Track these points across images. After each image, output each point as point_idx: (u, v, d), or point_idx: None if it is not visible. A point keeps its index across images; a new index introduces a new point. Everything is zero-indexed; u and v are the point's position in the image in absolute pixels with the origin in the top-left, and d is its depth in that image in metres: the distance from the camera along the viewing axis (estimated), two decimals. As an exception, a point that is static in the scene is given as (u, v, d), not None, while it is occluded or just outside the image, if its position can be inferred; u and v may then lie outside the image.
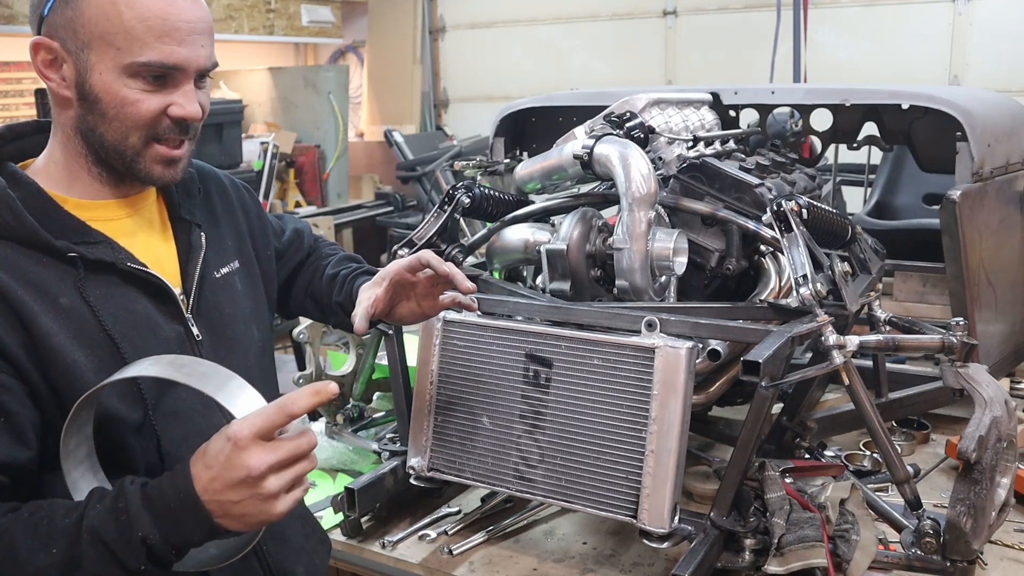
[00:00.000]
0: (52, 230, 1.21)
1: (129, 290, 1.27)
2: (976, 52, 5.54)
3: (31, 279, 1.19)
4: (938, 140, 2.23)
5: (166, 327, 1.29)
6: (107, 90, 1.22)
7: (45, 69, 1.25)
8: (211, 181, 1.51)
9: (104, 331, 1.21)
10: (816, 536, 1.42)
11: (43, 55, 1.24)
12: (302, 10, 7.39)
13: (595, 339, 1.54)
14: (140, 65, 1.20)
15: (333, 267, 1.68)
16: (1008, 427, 1.45)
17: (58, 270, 1.21)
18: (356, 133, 7.96)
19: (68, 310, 1.20)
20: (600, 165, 1.73)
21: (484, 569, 1.64)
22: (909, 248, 2.76)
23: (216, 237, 1.44)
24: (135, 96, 1.22)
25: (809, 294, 1.53)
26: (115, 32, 1.19)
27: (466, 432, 1.65)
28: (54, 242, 1.21)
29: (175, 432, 1.28)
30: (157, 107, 1.24)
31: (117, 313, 1.24)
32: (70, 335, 1.19)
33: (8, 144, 1.32)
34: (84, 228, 1.25)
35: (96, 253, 1.23)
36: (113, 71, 1.21)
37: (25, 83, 5.71)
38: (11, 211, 1.20)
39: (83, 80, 1.23)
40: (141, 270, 1.27)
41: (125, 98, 1.22)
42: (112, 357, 1.21)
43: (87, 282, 1.22)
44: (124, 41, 1.19)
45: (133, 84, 1.22)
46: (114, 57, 1.20)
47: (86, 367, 1.19)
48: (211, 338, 1.36)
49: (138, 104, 1.23)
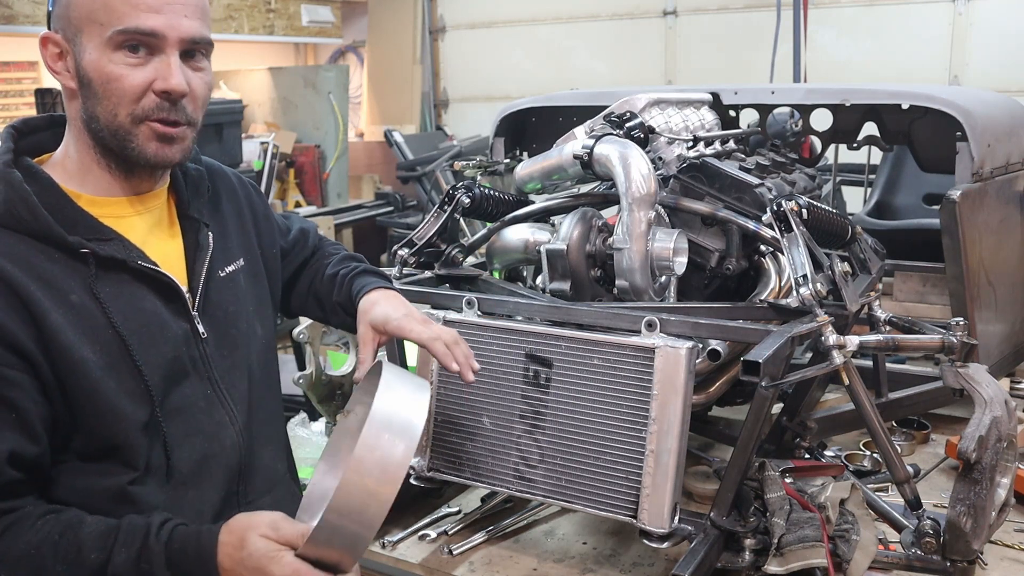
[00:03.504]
0: (66, 226, 1.22)
1: (138, 288, 1.28)
2: (976, 52, 5.54)
3: (42, 275, 1.19)
4: (938, 140, 2.24)
5: (173, 325, 1.30)
6: (95, 68, 1.23)
7: (53, 63, 1.27)
8: (220, 179, 1.52)
9: (113, 328, 1.22)
10: (816, 536, 1.42)
11: (51, 49, 1.26)
12: (302, 10, 7.39)
13: (595, 339, 1.54)
14: (117, 33, 1.21)
15: (334, 267, 1.68)
16: (1008, 427, 1.45)
17: (69, 266, 1.22)
18: (356, 133, 7.96)
19: (78, 307, 1.21)
20: (600, 165, 1.73)
21: (484, 569, 1.64)
22: (909, 248, 2.76)
23: (223, 235, 1.45)
24: (120, 71, 1.23)
25: (809, 294, 1.52)
26: (97, 9, 1.21)
27: (466, 432, 1.65)
28: (67, 238, 1.21)
29: (179, 429, 1.29)
30: (141, 81, 1.23)
31: (126, 311, 1.24)
32: (79, 332, 1.19)
33: (24, 138, 1.32)
34: (97, 225, 1.26)
35: (108, 250, 1.24)
36: (98, 48, 1.22)
37: (25, 83, 5.71)
38: (26, 205, 1.21)
39: (79, 65, 1.24)
40: (152, 268, 1.28)
41: (110, 74, 1.23)
42: (120, 355, 1.22)
43: (98, 279, 1.23)
44: (104, 15, 1.21)
45: (117, 59, 1.22)
46: (99, 33, 1.22)
47: (94, 364, 1.19)
48: (215, 336, 1.37)
49: (122, 79, 1.23)
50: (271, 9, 7.08)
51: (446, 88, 7.79)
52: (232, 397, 1.37)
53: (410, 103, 7.73)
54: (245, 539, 1.15)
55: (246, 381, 1.41)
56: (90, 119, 1.26)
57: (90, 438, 1.21)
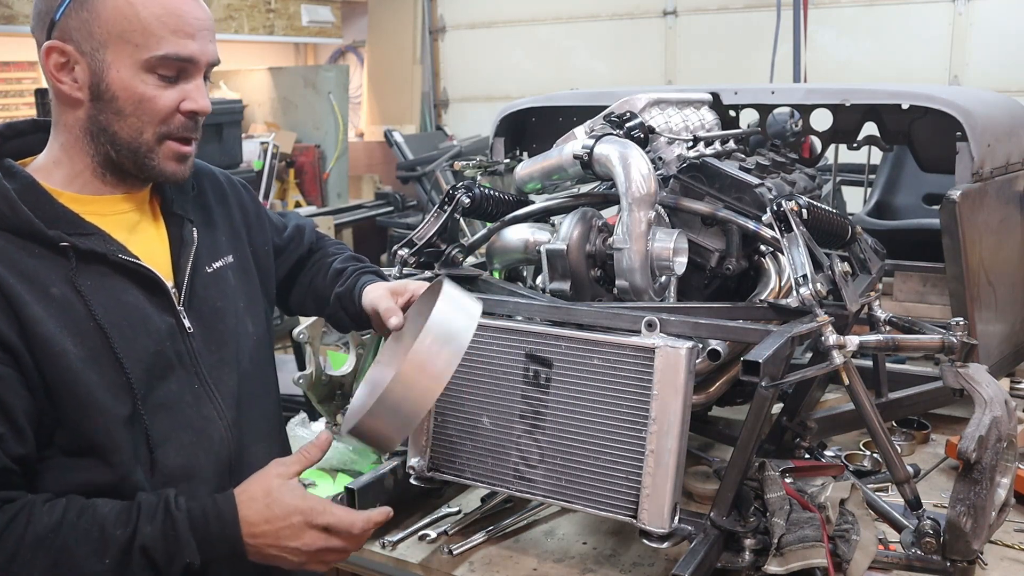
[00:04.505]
0: (46, 221, 1.23)
1: (120, 281, 1.28)
2: (976, 52, 5.54)
3: (22, 269, 1.20)
4: (938, 140, 2.24)
5: (157, 319, 1.30)
6: (125, 87, 1.25)
7: (57, 72, 1.27)
8: (205, 177, 1.53)
9: (94, 320, 1.23)
10: (816, 536, 1.42)
11: (55, 58, 1.27)
12: (302, 10, 7.38)
13: (595, 339, 1.54)
14: (158, 59, 1.25)
15: (341, 263, 1.70)
16: (1008, 427, 1.45)
17: (50, 260, 1.23)
18: (356, 133, 7.95)
19: (59, 299, 1.21)
20: (600, 165, 1.73)
21: (484, 569, 1.64)
22: (909, 248, 2.76)
23: (209, 232, 1.46)
24: (152, 92, 1.26)
25: (809, 294, 1.52)
26: (133, 30, 1.23)
27: (466, 432, 1.65)
28: (47, 232, 1.22)
29: (165, 424, 1.29)
30: (172, 102, 1.28)
31: (108, 304, 1.25)
32: (60, 324, 1.20)
33: (8, 142, 1.34)
34: (77, 220, 1.27)
35: (88, 244, 1.25)
36: (131, 68, 1.25)
37: (25, 83, 5.71)
38: (5, 200, 1.22)
39: (99, 79, 1.26)
40: (132, 262, 1.29)
41: (143, 94, 1.26)
42: (102, 347, 1.23)
43: (78, 272, 1.24)
44: (141, 37, 1.24)
45: (149, 80, 1.26)
46: (132, 54, 1.24)
47: (75, 356, 1.20)
48: (202, 331, 1.37)
49: (155, 100, 1.27)
50: (271, 9, 7.08)
51: (446, 88, 7.79)
52: (220, 392, 1.38)
53: (410, 103, 7.73)
54: (270, 497, 1.24)
55: (235, 377, 1.41)
56: (101, 132, 1.28)
57: (73, 432, 1.22)
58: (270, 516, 1.23)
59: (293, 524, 1.24)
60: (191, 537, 1.19)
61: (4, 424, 1.16)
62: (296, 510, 1.24)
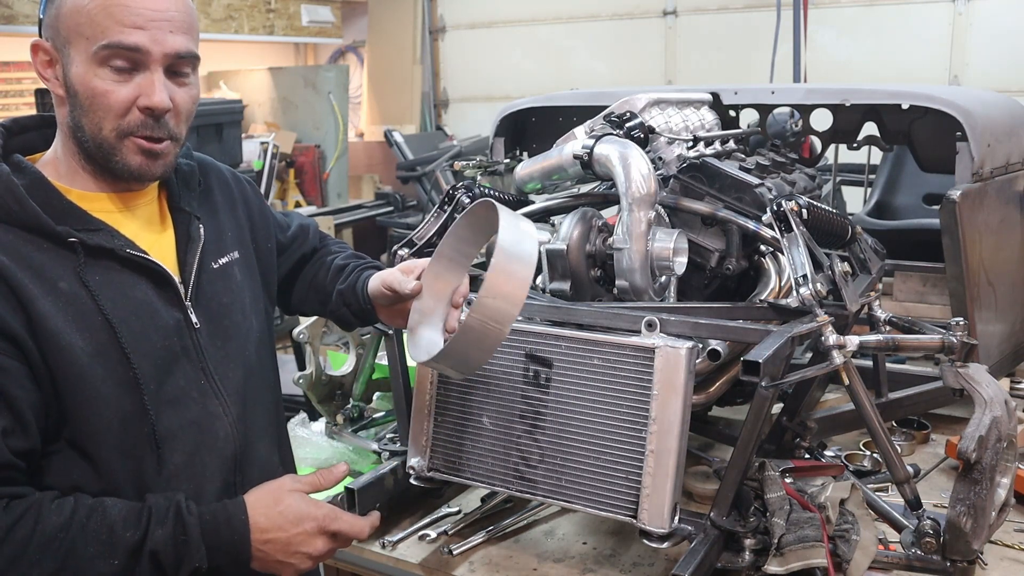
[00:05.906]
0: (54, 216, 1.23)
1: (128, 276, 1.28)
2: (976, 52, 5.54)
3: (31, 263, 1.20)
4: (938, 140, 2.23)
5: (165, 313, 1.30)
6: (82, 81, 1.24)
7: (43, 70, 1.28)
8: (212, 174, 1.53)
9: (103, 315, 1.23)
10: (816, 536, 1.42)
11: (41, 56, 1.28)
12: (302, 10, 7.39)
13: (595, 339, 1.54)
14: (102, 48, 1.22)
15: (343, 260, 1.70)
16: (1008, 427, 1.45)
17: (58, 255, 1.23)
18: (356, 133, 7.96)
19: (67, 294, 1.21)
20: (600, 165, 1.73)
21: (484, 569, 1.64)
22: (909, 248, 2.76)
23: (215, 228, 1.46)
24: (105, 86, 1.24)
25: (809, 294, 1.52)
26: (83, 22, 1.22)
27: (466, 432, 1.64)
28: (55, 227, 1.22)
29: (170, 420, 1.29)
30: (126, 97, 1.25)
31: (116, 298, 1.25)
32: (68, 318, 1.20)
33: (14, 138, 1.34)
34: (85, 215, 1.27)
35: (96, 239, 1.25)
36: (85, 62, 1.23)
37: (25, 83, 5.71)
38: (14, 196, 1.22)
39: (67, 75, 1.25)
40: (140, 256, 1.29)
41: (96, 88, 1.24)
42: (109, 342, 1.23)
43: (86, 267, 1.24)
44: (90, 29, 1.22)
45: (103, 74, 1.23)
46: (85, 48, 1.23)
47: (82, 350, 1.20)
48: (209, 326, 1.37)
49: (108, 94, 1.24)
50: (271, 9, 7.08)
51: (446, 88, 7.80)
52: (226, 388, 1.38)
53: (410, 103, 7.73)
54: (279, 504, 1.26)
55: (241, 373, 1.41)
56: (75, 128, 1.28)
57: (79, 427, 1.21)
58: (283, 523, 1.25)
59: (306, 530, 1.26)
60: (202, 542, 1.20)
61: (9, 418, 1.16)
62: (309, 516, 1.27)
